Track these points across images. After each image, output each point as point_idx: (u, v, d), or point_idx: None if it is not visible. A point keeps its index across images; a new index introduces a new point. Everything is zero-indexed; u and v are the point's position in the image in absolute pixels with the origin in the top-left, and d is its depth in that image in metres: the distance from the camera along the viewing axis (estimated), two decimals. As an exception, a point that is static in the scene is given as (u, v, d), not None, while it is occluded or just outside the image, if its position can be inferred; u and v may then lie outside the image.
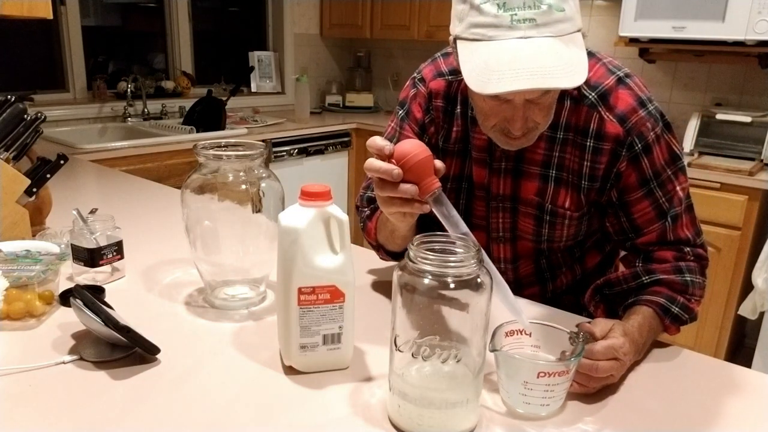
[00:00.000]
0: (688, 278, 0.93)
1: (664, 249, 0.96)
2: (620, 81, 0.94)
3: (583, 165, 0.96)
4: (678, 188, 0.95)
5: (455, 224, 0.74)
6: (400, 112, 1.12)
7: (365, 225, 1.09)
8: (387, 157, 0.76)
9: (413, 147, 0.76)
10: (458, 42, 0.79)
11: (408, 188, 0.75)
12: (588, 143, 0.94)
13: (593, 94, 0.93)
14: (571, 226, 1.02)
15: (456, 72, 0.97)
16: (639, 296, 0.93)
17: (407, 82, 1.12)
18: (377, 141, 0.77)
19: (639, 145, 0.92)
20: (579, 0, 0.79)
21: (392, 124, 1.14)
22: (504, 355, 0.73)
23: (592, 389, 0.76)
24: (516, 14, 0.73)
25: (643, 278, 0.94)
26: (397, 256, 1.05)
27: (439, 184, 0.76)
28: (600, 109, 0.93)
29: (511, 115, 0.83)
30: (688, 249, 0.96)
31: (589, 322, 0.82)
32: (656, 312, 0.90)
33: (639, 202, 0.95)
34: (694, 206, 0.98)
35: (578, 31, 0.77)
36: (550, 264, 1.09)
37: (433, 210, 0.76)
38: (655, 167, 0.93)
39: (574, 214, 1.00)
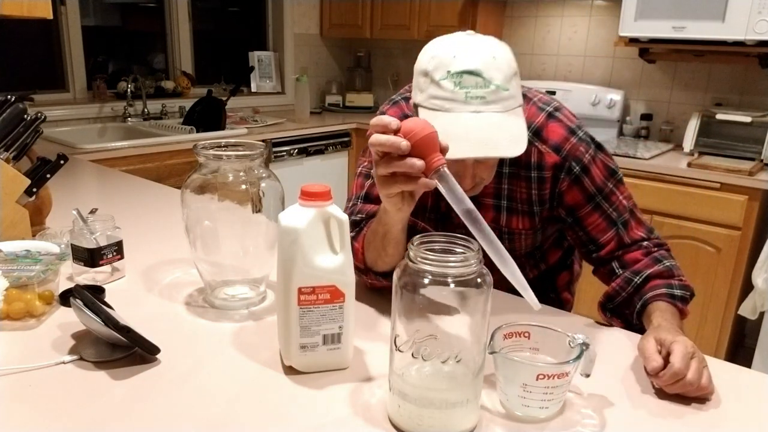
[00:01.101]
0: (667, 263, 1.04)
1: (628, 252, 1.07)
2: (550, 116, 1.05)
3: (531, 194, 1.07)
4: (621, 197, 1.08)
5: (460, 200, 0.74)
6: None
7: (351, 246, 1.05)
8: (393, 132, 0.76)
9: (420, 122, 0.76)
10: (419, 109, 0.89)
11: (415, 161, 0.74)
12: (532, 174, 1.05)
13: (528, 131, 1.00)
14: (528, 239, 1.14)
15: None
16: (642, 298, 1.00)
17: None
18: (382, 118, 0.76)
19: (577, 168, 1.04)
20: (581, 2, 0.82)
21: (365, 163, 1.13)
22: (503, 357, 0.73)
23: (708, 391, 0.80)
24: (469, 92, 0.85)
25: (635, 280, 1.03)
26: (387, 276, 1.00)
27: (444, 160, 0.75)
28: (536, 144, 1.04)
29: (462, 172, 0.93)
30: (647, 243, 1.07)
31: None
32: (666, 301, 0.98)
33: (590, 215, 1.07)
34: (637, 207, 1.11)
35: (519, 106, 0.91)
36: (528, 255, 1.19)
37: (439, 186, 0.75)
38: (596, 184, 1.05)
39: (529, 232, 1.12)
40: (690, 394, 0.79)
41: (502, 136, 0.86)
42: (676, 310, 0.98)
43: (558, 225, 1.14)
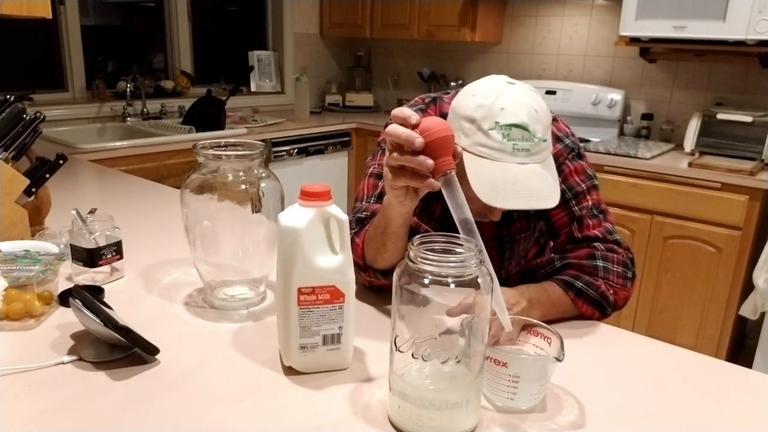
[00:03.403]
0: (600, 264, 1.05)
1: (577, 248, 1.08)
2: None
3: None
4: (589, 200, 1.10)
5: (461, 208, 0.74)
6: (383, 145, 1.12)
7: (352, 243, 1.03)
8: (411, 127, 0.76)
9: (438, 123, 0.76)
10: (463, 153, 0.91)
11: (424, 160, 0.75)
12: None
13: None
14: (527, 241, 1.19)
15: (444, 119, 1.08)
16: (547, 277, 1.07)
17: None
18: (404, 110, 0.78)
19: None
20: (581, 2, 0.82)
21: (376, 164, 1.13)
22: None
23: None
24: (516, 144, 0.89)
25: (555, 263, 1.08)
26: (386, 274, 1.01)
27: (454, 165, 0.76)
28: None
29: (492, 208, 0.97)
30: (598, 243, 1.07)
31: None
32: (559, 285, 1.03)
33: (558, 214, 1.10)
34: (606, 216, 1.11)
35: (551, 153, 0.96)
36: (503, 259, 1.23)
37: (442, 190, 0.76)
38: (568, 182, 1.09)
39: (528, 234, 1.17)
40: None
41: (544, 186, 0.91)
42: (565, 297, 1.01)
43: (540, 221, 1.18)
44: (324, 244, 0.77)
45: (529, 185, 0.89)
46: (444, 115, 1.09)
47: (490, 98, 0.91)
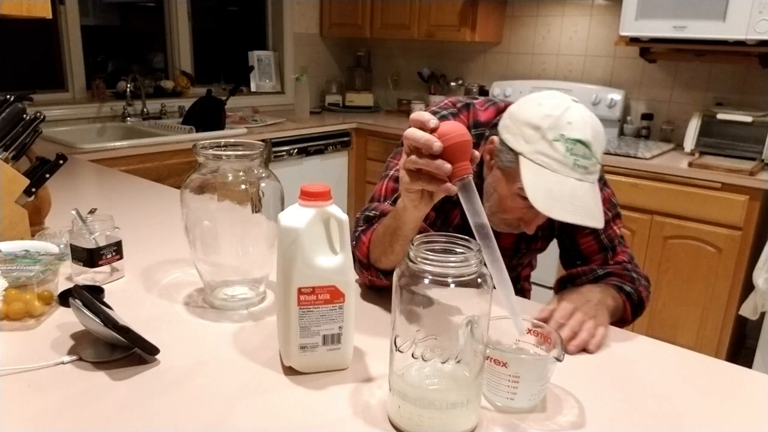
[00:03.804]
0: (634, 275, 1.11)
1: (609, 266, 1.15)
2: None
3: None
4: (615, 228, 1.16)
5: (477, 213, 0.74)
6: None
7: (358, 240, 1.04)
8: (430, 131, 0.76)
9: (457, 128, 0.75)
10: (521, 158, 0.95)
11: (443, 164, 0.74)
12: None
13: None
14: (539, 252, 1.26)
15: (478, 126, 1.11)
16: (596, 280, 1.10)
17: None
18: (423, 114, 0.77)
19: None
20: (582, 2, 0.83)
21: (397, 166, 1.11)
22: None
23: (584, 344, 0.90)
24: (578, 160, 0.92)
25: (598, 271, 1.11)
26: (387, 275, 1.00)
27: (471, 170, 0.75)
28: None
29: (531, 219, 1.02)
30: (627, 265, 1.14)
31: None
32: (612, 286, 1.06)
33: (585, 237, 1.15)
34: (625, 242, 1.19)
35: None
36: (520, 263, 1.32)
37: (459, 194, 0.75)
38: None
39: (543, 245, 1.23)
40: (569, 348, 0.88)
41: (595, 206, 0.94)
42: (619, 298, 1.04)
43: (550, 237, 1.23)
44: (324, 244, 0.77)
45: (584, 202, 0.92)
46: (479, 124, 1.11)
47: (559, 110, 0.93)
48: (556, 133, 0.92)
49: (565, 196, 0.91)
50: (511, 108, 1.01)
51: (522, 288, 1.40)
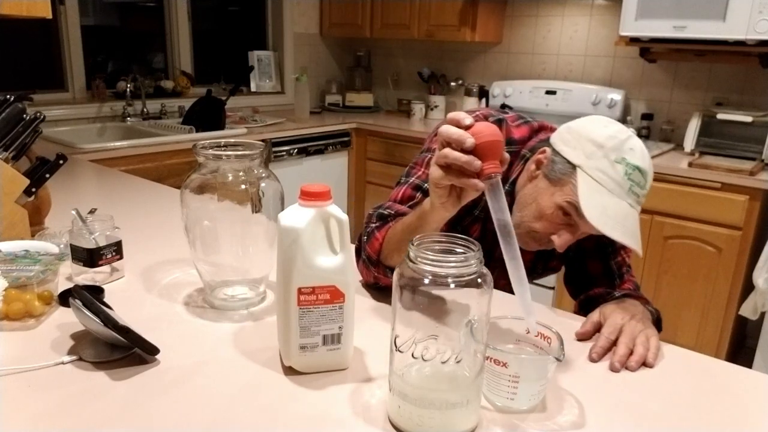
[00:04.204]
0: (644, 297, 1.11)
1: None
2: None
3: None
4: (624, 256, 1.17)
5: (502, 211, 0.74)
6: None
7: (371, 236, 1.03)
8: (464, 128, 0.77)
9: (491, 128, 0.77)
10: (578, 170, 0.97)
11: (473, 159, 0.75)
12: None
13: None
14: (558, 268, 1.27)
15: (512, 143, 1.10)
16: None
17: None
18: (459, 114, 0.78)
19: None
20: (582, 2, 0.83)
21: (421, 174, 1.11)
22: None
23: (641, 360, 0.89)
24: (633, 186, 0.95)
25: (615, 293, 1.11)
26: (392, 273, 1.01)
27: (501, 170, 0.76)
28: None
29: (568, 235, 1.01)
30: (635, 292, 1.14)
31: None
32: (640, 300, 1.06)
33: (594, 262, 1.17)
34: (631, 270, 1.19)
35: None
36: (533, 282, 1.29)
37: (486, 193, 0.76)
38: (609, 238, 1.10)
39: (560, 263, 1.24)
40: (631, 364, 0.87)
41: (638, 233, 0.97)
42: (647, 312, 1.02)
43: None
44: (324, 244, 0.77)
45: (633, 227, 0.95)
46: (513, 141, 1.11)
47: (623, 135, 0.96)
48: (618, 155, 0.94)
49: (618, 216, 0.94)
50: (569, 124, 1.02)
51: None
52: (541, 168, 1.03)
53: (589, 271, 1.17)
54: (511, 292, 0.75)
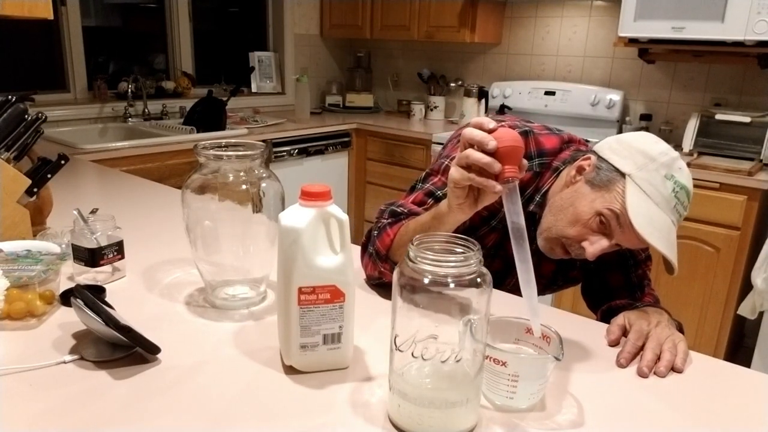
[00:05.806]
0: (666, 309, 1.09)
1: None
2: None
3: None
4: (645, 269, 1.19)
5: (518, 214, 0.76)
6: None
7: (382, 231, 1.04)
8: (487, 131, 0.79)
9: (512, 134, 0.78)
10: (628, 179, 0.97)
11: (494, 161, 0.77)
12: None
13: None
14: (579, 279, 1.25)
15: (542, 155, 1.09)
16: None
17: None
18: (483, 118, 0.80)
19: None
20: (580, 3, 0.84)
21: (437, 181, 1.10)
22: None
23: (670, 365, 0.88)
24: (677, 205, 0.96)
25: (636, 303, 1.11)
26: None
27: (519, 175, 0.77)
28: None
29: (604, 241, 1.00)
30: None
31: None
32: (661, 309, 1.05)
33: (614, 274, 1.17)
34: (651, 283, 1.20)
35: None
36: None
37: (503, 196, 0.77)
38: (631, 249, 1.14)
39: (581, 273, 1.22)
40: (660, 369, 0.86)
41: (676, 249, 0.97)
42: (672, 320, 1.02)
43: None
44: (324, 244, 0.78)
45: (674, 241, 0.97)
46: (543, 153, 1.10)
47: (673, 153, 0.98)
48: (669, 172, 0.96)
49: (663, 228, 0.95)
50: (617, 136, 1.03)
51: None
52: (583, 174, 1.02)
53: (610, 283, 1.18)
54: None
